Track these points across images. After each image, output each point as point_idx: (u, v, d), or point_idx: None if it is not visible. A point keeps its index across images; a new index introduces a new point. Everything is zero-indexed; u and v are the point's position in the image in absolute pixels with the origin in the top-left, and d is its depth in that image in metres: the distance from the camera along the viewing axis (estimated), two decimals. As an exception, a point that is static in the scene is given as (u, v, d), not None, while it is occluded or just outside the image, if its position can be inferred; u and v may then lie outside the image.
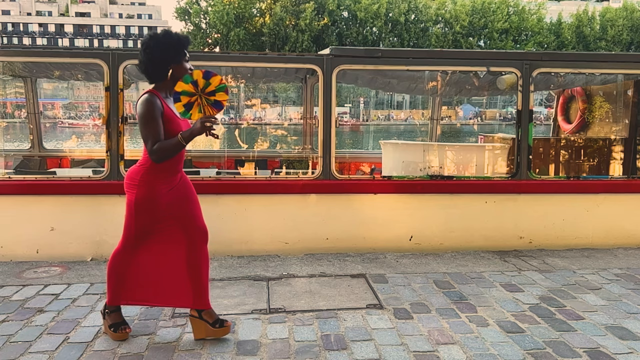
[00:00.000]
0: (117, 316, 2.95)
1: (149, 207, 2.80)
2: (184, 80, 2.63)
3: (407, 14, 51.16)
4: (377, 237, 4.78)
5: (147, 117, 2.65)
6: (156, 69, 2.74)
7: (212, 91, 2.66)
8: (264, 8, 49.05)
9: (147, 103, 2.67)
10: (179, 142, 2.66)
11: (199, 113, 2.67)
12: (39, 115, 6.88)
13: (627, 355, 2.79)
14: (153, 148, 2.65)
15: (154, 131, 2.65)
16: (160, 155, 2.67)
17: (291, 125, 27.18)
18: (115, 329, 2.91)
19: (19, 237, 4.48)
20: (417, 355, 2.77)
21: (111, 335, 2.92)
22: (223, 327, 2.93)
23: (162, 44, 2.72)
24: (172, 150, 2.69)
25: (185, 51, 2.79)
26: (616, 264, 4.45)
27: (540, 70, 4.90)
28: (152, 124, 2.66)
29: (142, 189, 2.77)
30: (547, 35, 51.97)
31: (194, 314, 2.93)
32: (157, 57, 2.71)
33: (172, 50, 2.74)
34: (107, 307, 2.94)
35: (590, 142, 6.56)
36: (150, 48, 2.71)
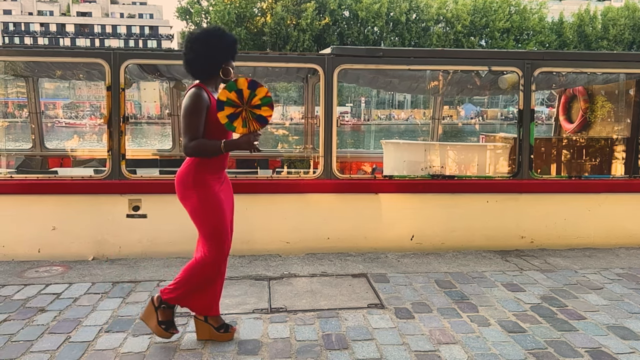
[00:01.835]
0: (170, 314, 2.87)
1: (216, 202, 2.73)
2: (228, 88, 2.58)
3: (408, 13, 51.08)
4: (378, 236, 4.78)
5: (190, 111, 2.63)
6: (208, 65, 2.72)
7: (257, 104, 2.62)
8: (265, 7, 49.00)
9: (195, 97, 2.64)
10: (219, 149, 2.65)
11: (243, 128, 2.64)
12: (41, 114, 6.89)
13: (628, 355, 2.79)
14: (190, 143, 2.63)
15: (194, 126, 2.63)
16: (195, 152, 2.65)
17: (292, 124, 27.17)
18: (167, 327, 2.84)
19: (21, 237, 4.48)
20: (419, 355, 2.77)
21: (158, 331, 2.83)
22: (227, 332, 2.92)
23: (219, 42, 2.72)
24: (209, 152, 2.67)
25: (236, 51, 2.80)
26: (618, 263, 4.44)
27: (542, 69, 4.90)
28: (193, 119, 2.63)
29: (195, 188, 2.71)
30: (548, 35, 51.84)
31: (199, 316, 2.91)
32: (212, 54, 2.71)
33: (228, 49, 2.75)
34: (165, 303, 2.82)
35: (592, 142, 6.55)
36: (206, 44, 2.69)
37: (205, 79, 2.75)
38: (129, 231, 4.54)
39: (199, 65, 2.72)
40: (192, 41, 2.71)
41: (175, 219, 4.58)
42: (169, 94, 7.14)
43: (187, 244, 4.57)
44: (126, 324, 3.11)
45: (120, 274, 4.05)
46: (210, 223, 2.75)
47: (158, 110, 48.80)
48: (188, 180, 2.72)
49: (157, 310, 2.83)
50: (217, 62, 2.73)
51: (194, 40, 2.71)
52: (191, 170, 2.73)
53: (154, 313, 2.83)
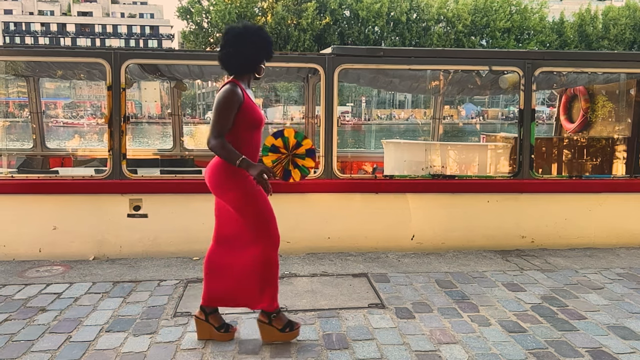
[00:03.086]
0: (284, 316, 2.89)
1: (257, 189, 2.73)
2: (274, 135, 2.65)
3: (408, 13, 51.04)
4: (379, 236, 4.78)
5: (222, 106, 2.64)
6: (247, 62, 2.74)
7: (301, 155, 2.68)
8: (266, 7, 49.00)
9: (229, 93, 2.65)
10: (234, 161, 2.61)
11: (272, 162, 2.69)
12: (42, 114, 6.89)
13: (629, 355, 2.79)
14: (214, 140, 2.61)
15: (222, 122, 2.63)
16: (215, 149, 2.64)
17: (293, 124, 27.17)
18: (290, 327, 2.86)
19: (22, 236, 4.49)
20: (419, 354, 2.77)
21: (285, 337, 2.85)
22: (228, 332, 2.91)
23: (261, 40, 2.74)
24: (226, 158, 2.65)
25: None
26: (618, 263, 4.44)
27: (543, 69, 4.89)
28: (223, 115, 2.64)
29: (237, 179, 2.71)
30: (549, 34, 51.79)
31: (201, 316, 2.91)
32: (253, 52, 2.73)
33: (267, 49, 2.77)
34: (273, 312, 2.84)
35: (593, 142, 6.55)
36: (249, 41, 2.71)
37: (238, 74, 2.76)
38: (130, 231, 4.55)
39: (238, 61, 2.73)
40: (235, 36, 2.72)
41: (176, 219, 4.60)
42: (170, 93, 7.14)
43: (187, 244, 4.60)
44: (127, 323, 3.12)
45: (121, 273, 4.05)
46: (257, 210, 2.74)
47: (159, 110, 48.84)
48: (224, 172, 2.71)
49: (271, 324, 2.85)
50: (256, 60, 2.76)
51: (237, 36, 2.71)
52: (226, 164, 2.70)
53: (271, 327, 2.85)
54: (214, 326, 2.89)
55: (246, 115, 2.68)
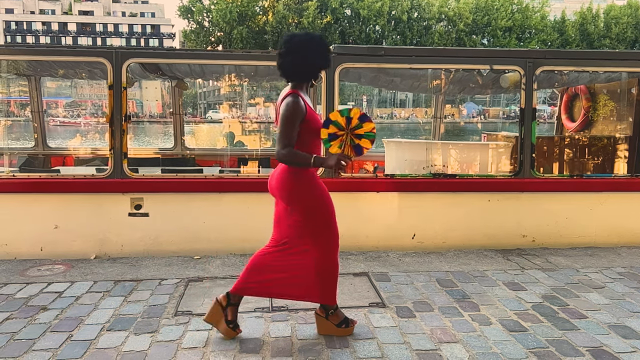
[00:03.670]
0: (340, 312, 2.99)
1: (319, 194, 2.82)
2: (341, 112, 2.70)
3: (410, 11, 51.01)
4: (379, 235, 4.78)
5: (289, 119, 2.69)
6: (309, 70, 2.79)
7: (359, 134, 2.72)
8: (267, 6, 48.98)
9: (295, 105, 2.70)
10: (308, 162, 2.71)
11: (338, 148, 2.73)
12: (43, 113, 6.90)
13: (630, 354, 2.79)
14: (284, 150, 2.68)
15: (290, 134, 2.69)
16: (286, 160, 2.72)
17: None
18: (346, 324, 2.96)
19: (23, 235, 4.50)
20: (420, 353, 2.77)
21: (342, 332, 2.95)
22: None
23: (323, 49, 2.79)
24: (300, 163, 2.74)
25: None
26: (619, 262, 4.44)
27: (544, 68, 4.89)
28: (291, 127, 2.69)
29: (303, 185, 2.79)
30: (550, 33, 51.71)
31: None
32: (316, 61, 2.77)
33: (329, 56, 2.81)
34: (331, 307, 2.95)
35: (594, 141, 6.54)
36: (312, 50, 2.75)
37: (300, 82, 2.81)
38: (131, 230, 4.56)
39: (302, 69, 2.78)
40: (299, 44, 2.75)
41: (177, 218, 4.61)
42: (171, 92, 7.14)
43: (189, 243, 4.61)
44: (128, 322, 3.12)
45: (122, 272, 4.06)
46: (324, 218, 2.84)
47: (160, 109, 48.86)
48: (292, 180, 2.78)
49: (328, 318, 2.96)
50: (319, 68, 2.82)
51: (301, 43, 2.75)
52: (294, 172, 2.78)
53: (327, 322, 2.96)
54: (226, 318, 2.92)
55: (309, 125, 2.75)
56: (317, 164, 2.73)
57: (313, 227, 2.83)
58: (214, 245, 4.60)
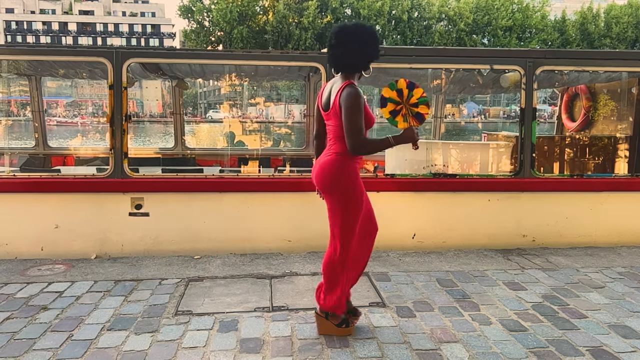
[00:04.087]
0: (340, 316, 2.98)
1: (359, 194, 2.84)
2: (390, 87, 2.74)
3: (410, 11, 50.99)
4: (379, 235, 4.74)
5: (356, 110, 2.68)
6: (363, 61, 2.79)
7: (414, 103, 2.77)
8: (267, 6, 48.97)
9: (357, 96, 2.70)
10: (389, 144, 2.77)
11: (404, 122, 2.79)
12: (44, 113, 6.91)
13: (630, 354, 2.79)
14: (361, 141, 2.68)
15: (361, 124, 2.69)
16: (366, 150, 2.73)
17: (294, 123, 27.18)
18: (347, 324, 2.96)
19: (24, 235, 4.50)
20: (420, 353, 2.78)
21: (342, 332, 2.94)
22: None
23: (374, 39, 2.78)
24: (379, 148, 2.80)
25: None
26: (620, 262, 4.44)
27: (544, 68, 4.89)
28: (360, 117, 2.69)
29: (345, 181, 2.80)
30: (551, 33, 51.69)
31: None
32: (369, 51, 2.77)
33: (378, 46, 2.81)
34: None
35: (594, 140, 6.54)
36: (362, 41, 2.74)
37: (352, 73, 2.81)
38: (132, 229, 4.56)
39: (355, 60, 2.77)
40: (351, 34, 2.74)
41: (178, 218, 4.61)
42: (171, 92, 7.14)
43: (189, 243, 4.61)
44: (128, 322, 3.13)
45: (122, 272, 4.06)
46: (350, 216, 2.85)
47: (160, 109, 48.86)
48: (338, 173, 2.80)
49: (328, 318, 2.95)
50: (371, 58, 2.80)
51: (352, 34, 2.75)
52: (339, 161, 2.80)
53: (327, 322, 2.95)
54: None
55: (365, 116, 2.76)
56: (398, 142, 2.80)
57: (340, 222, 2.85)
58: (214, 245, 4.60)
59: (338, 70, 2.83)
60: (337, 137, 2.79)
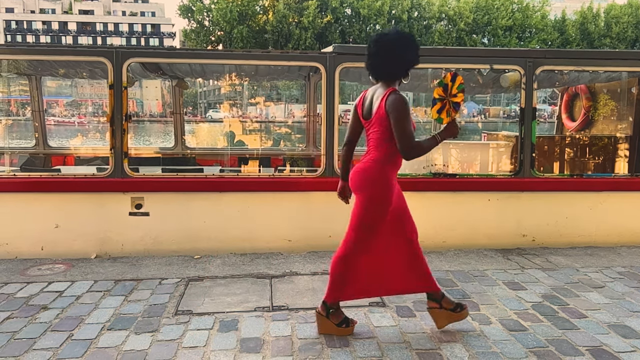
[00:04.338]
0: (341, 313, 2.99)
1: (385, 201, 2.85)
2: (438, 84, 2.78)
3: (410, 11, 50.98)
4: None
5: (405, 116, 2.70)
6: (401, 69, 2.81)
7: (454, 93, 2.79)
8: (267, 5, 48.96)
9: (404, 102, 2.72)
10: (436, 142, 2.78)
11: (447, 117, 2.82)
12: (44, 113, 6.91)
13: (630, 353, 2.79)
14: (413, 145, 2.70)
15: (410, 130, 2.71)
16: (417, 153, 2.75)
17: (294, 123, 27.13)
18: (346, 324, 2.97)
19: (24, 234, 4.50)
20: (420, 353, 2.78)
21: (342, 331, 2.96)
22: (463, 311, 3.02)
23: (413, 45, 2.79)
24: (429, 148, 2.78)
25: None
26: (619, 262, 4.44)
27: (544, 67, 4.89)
28: (409, 122, 2.71)
29: (379, 185, 2.82)
30: (551, 33, 51.67)
31: (433, 305, 3.03)
32: (407, 58, 2.79)
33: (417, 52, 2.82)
34: (331, 306, 2.96)
35: (594, 140, 6.54)
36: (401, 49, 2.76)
37: (392, 81, 2.82)
38: (132, 229, 4.56)
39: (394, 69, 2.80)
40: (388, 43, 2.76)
41: (178, 217, 4.61)
42: (171, 92, 7.14)
43: (189, 243, 4.61)
44: (128, 321, 3.13)
45: (122, 271, 4.06)
46: (371, 219, 2.85)
47: (160, 109, 48.84)
48: (371, 175, 2.83)
49: (329, 317, 2.96)
50: (410, 65, 2.82)
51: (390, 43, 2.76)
52: (377, 166, 2.82)
53: (328, 321, 2.96)
54: (448, 309, 3.00)
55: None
56: (443, 138, 2.83)
57: (362, 218, 2.86)
58: (214, 245, 4.60)
59: (378, 79, 2.85)
60: (377, 144, 2.81)
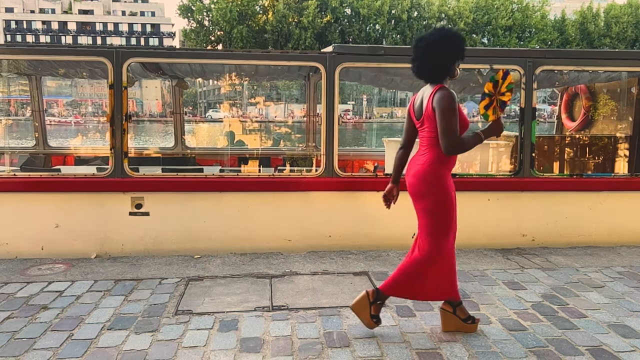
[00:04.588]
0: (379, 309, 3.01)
1: (451, 200, 2.87)
2: (490, 79, 2.78)
3: (410, 10, 51.00)
4: (379, 234, 4.78)
5: (451, 111, 2.70)
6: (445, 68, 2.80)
7: (503, 92, 2.79)
8: (267, 5, 48.97)
9: (452, 98, 2.72)
10: (480, 139, 2.80)
11: (493, 115, 2.82)
12: (44, 112, 6.91)
13: (629, 353, 2.79)
14: (455, 141, 2.70)
15: (454, 126, 2.71)
16: (461, 149, 2.76)
17: (294, 122, 27.15)
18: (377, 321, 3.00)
19: (24, 234, 4.50)
20: (420, 352, 2.78)
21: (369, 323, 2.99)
22: (473, 324, 3.02)
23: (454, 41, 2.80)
24: (473, 145, 2.81)
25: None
26: (619, 262, 4.44)
27: (544, 67, 4.89)
28: (454, 118, 2.71)
29: (440, 185, 2.85)
30: (551, 32, 51.70)
31: (447, 308, 3.01)
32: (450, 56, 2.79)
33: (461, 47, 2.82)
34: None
35: (594, 140, 6.54)
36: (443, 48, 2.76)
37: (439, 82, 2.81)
38: (132, 229, 4.56)
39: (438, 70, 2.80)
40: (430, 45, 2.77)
41: (178, 217, 4.62)
42: (171, 91, 7.15)
43: (189, 242, 4.61)
44: (128, 321, 3.13)
45: (122, 271, 4.06)
46: (441, 221, 2.88)
47: (160, 108, 48.85)
48: (431, 178, 2.85)
49: (371, 305, 2.98)
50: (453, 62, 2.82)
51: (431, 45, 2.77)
52: (433, 168, 2.84)
53: (368, 307, 2.98)
54: (460, 318, 2.99)
55: (460, 118, 2.79)
56: (487, 136, 2.85)
57: (434, 223, 2.89)
58: (214, 245, 4.61)
59: (426, 81, 2.86)
60: (431, 143, 2.83)
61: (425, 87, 2.89)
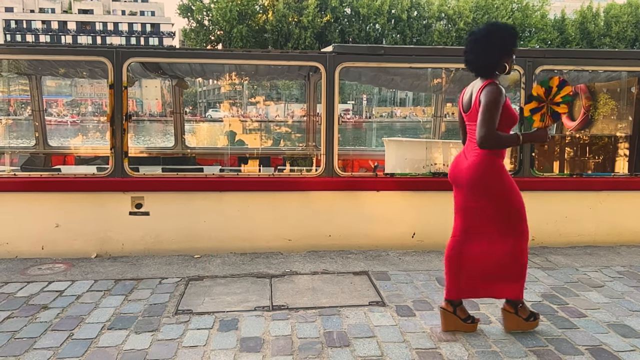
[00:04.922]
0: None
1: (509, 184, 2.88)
2: (542, 84, 2.76)
3: (409, 10, 50.98)
4: (379, 234, 4.78)
5: (493, 105, 2.71)
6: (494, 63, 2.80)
7: (558, 102, 2.77)
8: (267, 5, 48.95)
9: (498, 92, 2.73)
10: (517, 141, 2.80)
11: (540, 122, 2.80)
12: (44, 112, 6.91)
13: (629, 352, 2.80)
14: (489, 134, 2.70)
15: (494, 120, 2.71)
16: (492, 143, 2.75)
17: (294, 122, 27.12)
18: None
19: (24, 234, 4.51)
20: (420, 352, 2.78)
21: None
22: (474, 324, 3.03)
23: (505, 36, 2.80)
24: (506, 144, 2.83)
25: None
26: (619, 261, 4.45)
27: (543, 67, 4.89)
28: (494, 113, 2.72)
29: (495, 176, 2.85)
30: (550, 32, 51.68)
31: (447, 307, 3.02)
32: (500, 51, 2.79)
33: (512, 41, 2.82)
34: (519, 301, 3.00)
35: (594, 140, 6.54)
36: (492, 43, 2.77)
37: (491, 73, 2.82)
38: (132, 229, 4.56)
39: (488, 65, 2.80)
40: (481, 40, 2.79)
41: (178, 217, 4.62)
42: (171, 91, 7.15)
43: (189, 242, 4.62)
44: (128, 321, 3.13)
45: (122, 271, 4.07)
46: (515, 205, 2.90)
47: (160, 108, 48.84)
48: (487, 170, 2.84)
49: (517, 313, 3.00)
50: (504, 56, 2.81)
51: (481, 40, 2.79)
52: (486, 160, 2.83)
53: (517, 317, 3.00)
54: (460, 318, 3.00)
55: (506, 113, 2.79)
56: (526, 141, 2.84)
57: (506, 216, 2.89)
58: (214, 244, 4.61)
59: (477, 75, 2.88)
60: None
61: (475, 81, 2.90)
